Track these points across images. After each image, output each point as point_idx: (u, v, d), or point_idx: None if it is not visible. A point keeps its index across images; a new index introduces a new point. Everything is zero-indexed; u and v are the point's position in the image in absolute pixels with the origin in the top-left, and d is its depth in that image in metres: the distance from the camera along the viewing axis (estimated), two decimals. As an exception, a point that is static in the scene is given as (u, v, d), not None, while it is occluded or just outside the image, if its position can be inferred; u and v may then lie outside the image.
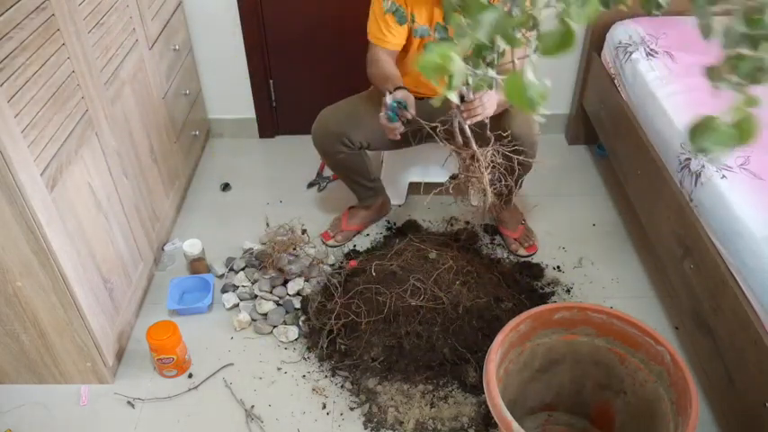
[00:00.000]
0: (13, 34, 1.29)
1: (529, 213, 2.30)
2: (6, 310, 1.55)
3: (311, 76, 2.65)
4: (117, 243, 1.79)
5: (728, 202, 1.54)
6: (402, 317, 1.75)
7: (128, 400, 1.72)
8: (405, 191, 2.39)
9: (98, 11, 1.67)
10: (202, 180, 2.57)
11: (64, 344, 1.64)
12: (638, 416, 1.44)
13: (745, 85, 0.58)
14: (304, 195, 2.48)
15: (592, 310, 1.43)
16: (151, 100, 2.07)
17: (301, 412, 1.68)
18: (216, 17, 2.48)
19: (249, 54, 2.57)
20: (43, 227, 1.38)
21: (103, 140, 1.70)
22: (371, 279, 1.86)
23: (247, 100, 2.72)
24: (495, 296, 1.85)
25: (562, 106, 2.74)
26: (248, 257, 2.09)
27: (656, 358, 1.36)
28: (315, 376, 1.77)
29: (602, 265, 2.12)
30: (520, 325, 1.41)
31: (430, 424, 1.63)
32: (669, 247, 1.80)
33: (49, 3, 1.42)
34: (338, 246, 2.20)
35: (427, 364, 1.71)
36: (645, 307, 1.96)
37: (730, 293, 1.47)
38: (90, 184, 1.63)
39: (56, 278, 1.48)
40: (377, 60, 1.85)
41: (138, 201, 1.94)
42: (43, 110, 1.40)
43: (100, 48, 1.68)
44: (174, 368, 1.76)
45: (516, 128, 1.83)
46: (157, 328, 1.73)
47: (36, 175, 1.37)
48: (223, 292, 2.01)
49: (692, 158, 1.71)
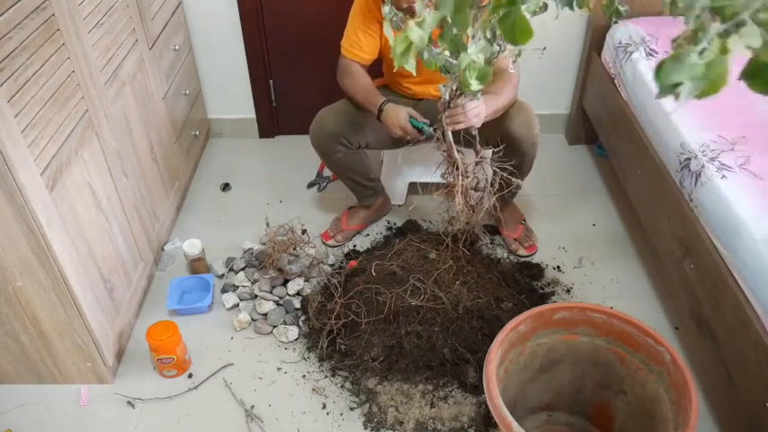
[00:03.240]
0: (13, 34, 1.29)
1: (529, 213, 2.30)
2: (6, 310, 1.55)
3: (311, 76, 2.64)
4: (117, 243, 1.79)
5: (728, 202, 1.54)
6: (402, 317, 1.75)
7: (128, 400, 1.72)
8: (405, 191, 2.39)
9: (98, 11, 1.67)
10: (202, 180, 2.57)
11: (64, 344, 1.64)
12: (638, 416, 1.44)
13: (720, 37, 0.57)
14: (304, 195, 2.48)
15: (592, 310, 1.43)
16: (151, 100, 2.07)
17: (301, 412, 1.68)
18: (216, 17, 2.48)
19: (249, 54, 2.57)
20: (43, 227, 1.38)
21: (103, 140, 1.70)
22: (371, 279, 1.86)
23: (247, 100, 2.72)
24: (495, 296, 1.85)
25: (562, 106, 2.74)
26: (248, 257, 2.09)
27: (656, 358, 1.36)
28: (315, 376, 1.77)
29: (602, 265, 2.12)
30: (520, 325, 1.41)
31: (430, 424, 1.63)
32: (669, 247, 1.80)
33: (49, 3, 1.42)
34: (338, 246, 2.20)
35: (427, 364, 1.71)
36: (645, 307, 1.96)
37: (730, 293, 1.47)
38: (90, 184, 1.63)
39: (56, 278, 1.48)
40: (353, 73, 1.92)
41: (138, 201, 1.94)
42: (43, 110, 1.40)
43: (100, 48, 1.68)
44: (174, 368, 1.76)
45: (516, 128, 1.84)
46: (157, 328, 1.73)
47: (36, 175, 1.37)
48: (223, 292, 2.01)
49: (691, 158, 1.71)
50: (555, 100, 2.72)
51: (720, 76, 0.57)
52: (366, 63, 1.95)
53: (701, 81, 0.58)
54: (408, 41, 0.74)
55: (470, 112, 1.63)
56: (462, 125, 1.64)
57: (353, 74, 1.91)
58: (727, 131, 1.75)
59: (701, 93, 0.59)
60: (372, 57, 1.94)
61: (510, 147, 1.84)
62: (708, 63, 0.57)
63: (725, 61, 0.57)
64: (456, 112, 1.61)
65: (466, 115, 1.62)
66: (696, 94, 0.59)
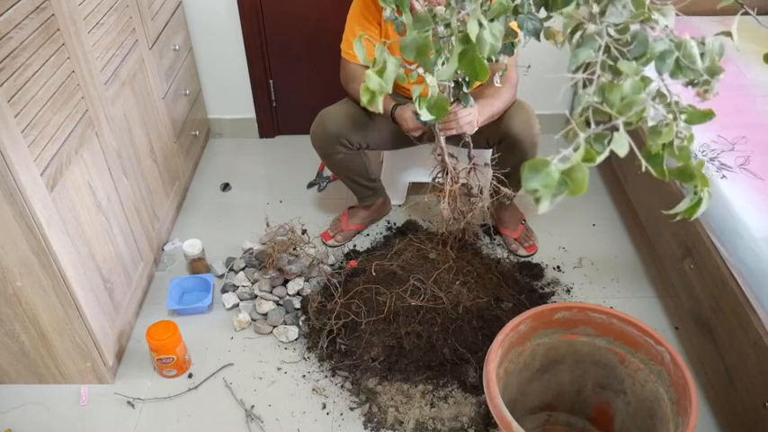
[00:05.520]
0: (13, 34, 1.29)
1: (529, 213, 2.30)
2: (6, 310, 1.55)
3: (311, 76, 2.64)
4: (117, 243, 1.79)
5: (728, 202, 1.54)
6: (402, 317, 1.75)
7: (128, 400, 1.72)
8: (405, 191, 2.39)
9: (98, 11, 1.67)
10: (202, 180, 2.57)
11: (64, 344, 1.64)
12: (638, 416, 1.44)
13: (596, 141, 0.59)
14: (304, 195, 2.48)
15: (592, 310, 1.43)
16: (151, 100, 2.07)
17: (301, 412, 1.68)
18: (216, 17, 2.48)
19: (249, 54, 2.57)
20: (43, 227, 1.38)
21: (103, 140, 1.70)
22: (371, 279, 1.86)
23: (247, 100, 2.72)
24: (495, 296, 1.85)
25: (562, 106, 2.74)
26: (248, 257, 2.09)
27: (656, 358, 1.36)
28: (315, 376, 1.77)
29: (602, 265, 2.12)
30: (520, 325, 1.41)
31: (430, 424, 1.63)
32: (669, 247, 1.80)
33: (49, 3, 1.42)
34: (338, 246, 2.20)
35: (427, 364, 1.71)
36: (645, 307, 1.96)
37: (730, 293, 1.47)
38: (90, 184, 1.63)
39: (56, 278, 1.48)
40: (354, 75, 1.90)
41: (138, 201, 1.94)
42: (43, 110, 1.40)
43: (100, 48, 1.68)
44: (174, 368, 1.76)
45: (517, 128, 1.84)
46: (157, 328, 1.73)
47: (36, 175, 1.36)
48: (223, 292, 2.01)
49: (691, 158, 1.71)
50: (555, 100, 2.72)
51: (581, 182, 0.58)
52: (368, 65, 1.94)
53: (559, 188, 0.58)
54: (370, 92, 0.77)
55: (463, 119, 1.63)
56: (454, 131, 1.65)
57: (354, 77, 1.90)
58: (727, 131, 1.75)
59: (566, 194, 0.59)
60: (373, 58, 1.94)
61: (510, 146, 1.84)
62: (567, 170, 0.57)
63: (584, 169, 0.58)
64: (448, 119, 1.61)
65: (458, 122, 1.63)
66: (555, 199, 0.59)
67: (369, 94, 0.79)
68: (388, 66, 0.77)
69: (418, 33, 0.75)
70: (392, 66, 0.77)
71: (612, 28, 0.63)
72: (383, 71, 0.77)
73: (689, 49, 0.64)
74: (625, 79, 0.61)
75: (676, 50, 0.65)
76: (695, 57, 0.64)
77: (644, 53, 0.63)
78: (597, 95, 0.60)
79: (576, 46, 0.65)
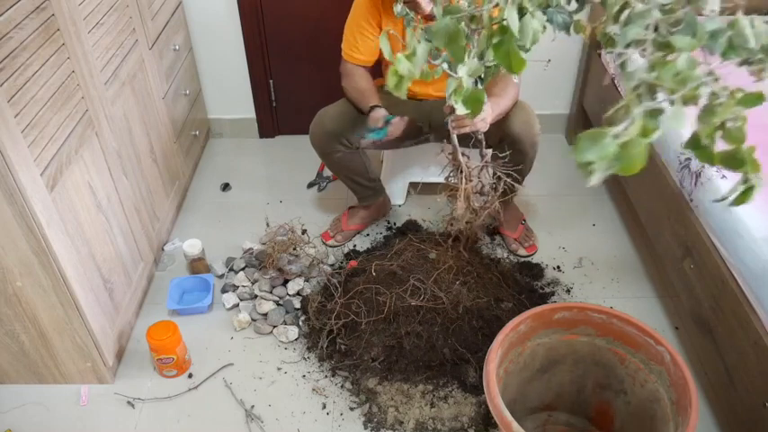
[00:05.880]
0: (13, 34, 1.29)
1: (529, 213, 2.30)
2: (6, 310, 1.55)
3: (311, 76, 2.65)
4: (117, 243, 1.79)
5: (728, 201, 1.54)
6: (402, 317, 1.75)
7: (128, 400, 1.72)
8: (405, 191, 2.39)
9: (98, 11, 1.67)
10: (202, 180, 2.57)
11: (64, 344, 1.64)
12: (638, 416, 1.44)
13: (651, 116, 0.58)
14: (304, 195, 2.48)
15: (592, 310, 1.43)
16: (151, 100, 2.07)
17: (301, 412, 1.68)
18: (216, 17, 2.48)
19: (249, 54, 2.57)
20: (43, 227, 1.38)
21: (103, 140, 1.70)
22: (371, 279, 1.86)
23: (247, 100, 2.72)
24: (495, 296, 1.85)
25: (562, 106, 2.74)
26: (248, 257, 2.09)
27: (656, 358, 1.36)
28: (315, 376, 1.77)
29: (602, 265, 2.12)
30: (520, 325, 1.40)
31: (430, 424, 1.63)
32: (669, 247, 1.80)
33: (49, 3, 1.42)
34: (338, 246, 2.20)
35: (427, 364, 1.70)
36: (645, 307, 1.96)
37: (730, 293, 1.47)
38: (90, 184, 1.63)
39: (56, 278, 1.48)
40: (351, 74, 1.94)
41: (138, 201, 1.94)
42: (43, 110, 1.40)
43: (100, 48, 1.68)
44: (174, 368, 1.76)
45: (517, 128, 1.84)
46: (157, 328, 1.73)
47: (36, 175, 1.37)
48: (223, 292, 2.01)
49: (692, 158, 1.71)
50: (555, 100, 2.72)
51: (637, 158, 0.57)
52: (367, 65, 1.96)
53: (615, 162, 0.57)
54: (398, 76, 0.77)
55: (476, 116, 1.63)
56: (468, 129, 1.64)
57: (351, 76, 1.94)
58: (727, 131, 1.75)
59: (618, 170, 0.58)
60: (372, 58, 1.95)
61: (510, 147, 1.84)
62: (623, 144, 0.56)
63: (641, 144, 0.56)
64: (461, 116, 1.61)
65: (472, 119, 1.62)
66: (612, 172, 0.58)
67: (396, 78, 0.78)
68: (418, 51, 0.76)
69: (450, 19, 0.74)
70: (422, 51, 0.76)
71: (658, 8, 0.62)
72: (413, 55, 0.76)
73: (742, 29, 0.63)
74: (679, 55, 0.59)
75: (729, 29, 0.64)
76: (748, 36, 0.63)
77: (694, 33, 0.62)
78: (649, 71, 0.58)
79: (624, 24, 0.64)
